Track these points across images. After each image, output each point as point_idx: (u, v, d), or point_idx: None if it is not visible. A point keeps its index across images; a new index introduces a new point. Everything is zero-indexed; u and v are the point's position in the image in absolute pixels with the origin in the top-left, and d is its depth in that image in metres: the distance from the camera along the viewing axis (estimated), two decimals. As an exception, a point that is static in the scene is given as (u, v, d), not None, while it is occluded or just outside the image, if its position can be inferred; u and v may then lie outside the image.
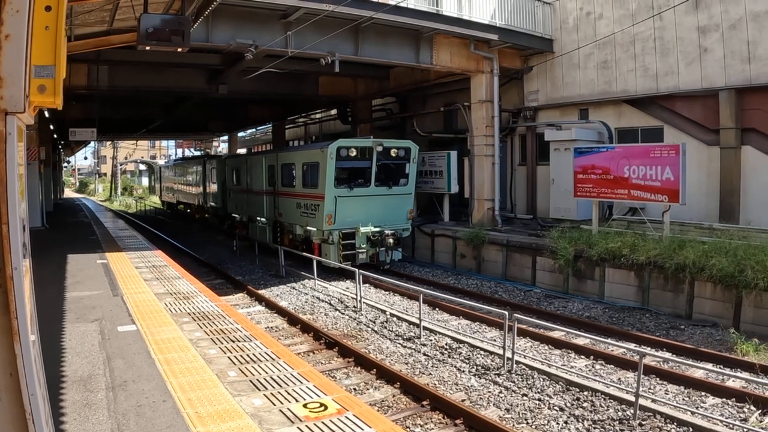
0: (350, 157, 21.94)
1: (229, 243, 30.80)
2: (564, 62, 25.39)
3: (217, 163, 37.30)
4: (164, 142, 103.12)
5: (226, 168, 35.19)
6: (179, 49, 12.03)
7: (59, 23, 2.81)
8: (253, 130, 63.38)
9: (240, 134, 65.23)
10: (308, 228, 23.30)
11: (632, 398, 10.38)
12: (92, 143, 75.91)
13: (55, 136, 41.54)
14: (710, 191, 20.63)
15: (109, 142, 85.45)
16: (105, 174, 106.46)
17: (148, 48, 11.63)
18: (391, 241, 22.65)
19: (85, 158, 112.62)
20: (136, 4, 13.39)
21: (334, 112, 41.10)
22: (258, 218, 29.22)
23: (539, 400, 11.11)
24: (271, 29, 20.03)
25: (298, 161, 24.28)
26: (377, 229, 22.72)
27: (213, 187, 37.88)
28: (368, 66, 26.93)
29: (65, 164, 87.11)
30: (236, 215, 33.20)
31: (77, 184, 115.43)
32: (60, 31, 2.82)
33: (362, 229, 22.41)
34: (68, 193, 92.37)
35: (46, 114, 28.63)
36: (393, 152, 23.00)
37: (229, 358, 8.21)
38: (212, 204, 38.55)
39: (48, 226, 27.13)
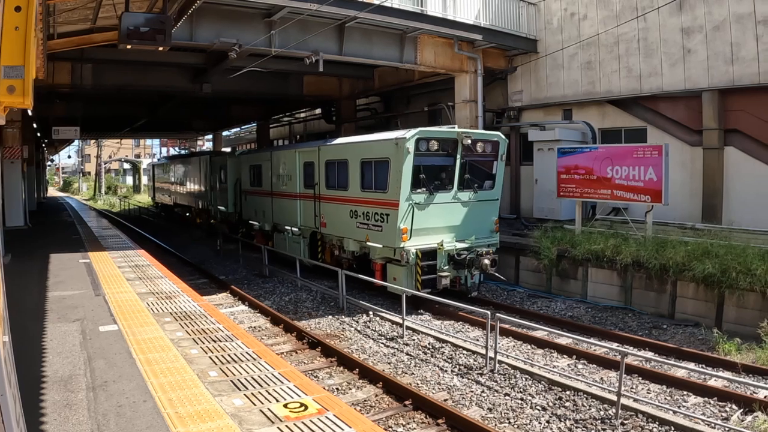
0: (431, 152, 17.36)
1: (213, 243, 30.64)
2: (548, 63, 25.45)
3: (228, 160, 31.62)
4: (149, 141, 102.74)
5: (241, 165, 29.54)
6: (161, 48, 12.01)
7: (29, 24, 2.80)
8: (238, 129, 63.21)
9: (225, 133, 65.10)
10: (369, 244, 18.41)
11: (614, 397, 10.43)
12: (76, 142, 75.48)
13: (38, 134, 41.33)
14: (693, 192, 20.74)
15: (93, 141, 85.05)
16: (89, 173, 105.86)
17: (129, 47, 11.59)
18: (487, 261, 17.76)
19: (69, 157, 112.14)
20: (119, 2, 13.36)
21: (318, 111, 41.08)
22: (287, 228, 23.89)
23: (521, 399, 11.15)
24: (255, 28, 20.00)
25: (354, 157, 19.00)
26: (464, 246, 18.01)
27: (223, 189, 32.02)
28: (353, 65, 26.91)
29: (49, 163, 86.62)
30: (254, 222, 27.68)
31: (61, 182, 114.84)
32: (29, 32, 2.80)
33: (446, 246, 17.69)
34: (52, 191, 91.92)
35: (29, 112, 28.49)
36: (479, 147, 18.41)
37: (210, 358, 8.19)
38: (221, 208, 32.53)
39: (31, 225, 26.95)
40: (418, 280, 17.23)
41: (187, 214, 42.22)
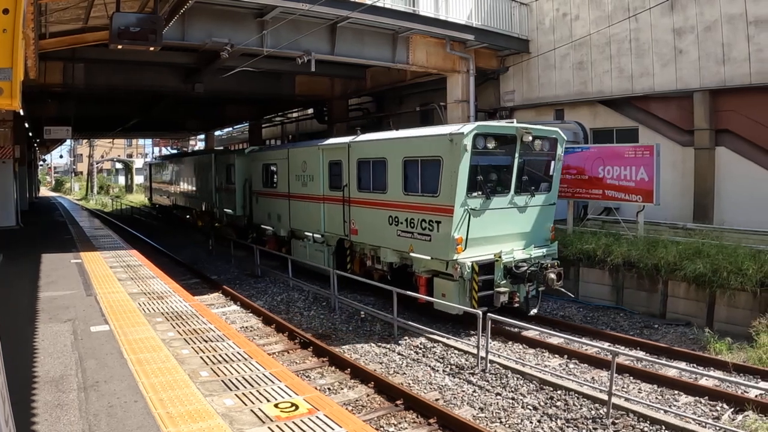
0: (488, 150, 15.17)
1: (206, 243, 30.57)
2: (540, 63, 25.50)
3: (237, 158, 28.91)
4: (141, 141, 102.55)
5: (252, 164, 27.21)
6: (152, 48, 11.98)
7: (16, 26, 2.80)
8: (230, 129, 63.12)
9: (217, 133, 65.00)
10: (413, 255, 16.25)
11: (605, 397, 10.46)
12: (68, 141, 75.23)
13: (30, 134, 41.20)
14: (684, 192, 20.80)
15: (85, 141, 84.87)
16: (81, 172, 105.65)
17: (120, 47, 11.56)
18: (553, 275, 15.62)
19: (61, 156, 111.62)
20: (110, 2, 13.33)
21: (310, 111, 41.08)
22: (307, 234, 21.86)
23: (513, 399, 11.18)
24: (247, 28, 20.01)
25: (395, 155, 16.88)
26: (523, 257, 16.03)
27: (230, 190, 29.59)
28: (345, 65, 26.88)
29: (41, 163, 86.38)
30: (267, 227, 25.62)
31: (53, 182, 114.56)
32: (17, 34, 2.80)
33: (504, 258, 15.65)
34: (44, 191, 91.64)
35: (21, 112, 28.42)
36: (537, 144, 16.26)
37: (201, 358, 8.19)
38: (228, 211, 30.11)
39: (23, 225, 26.89)
40: (475, 298, 14.94)
41: (188, 216, 40.04)
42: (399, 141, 17.26)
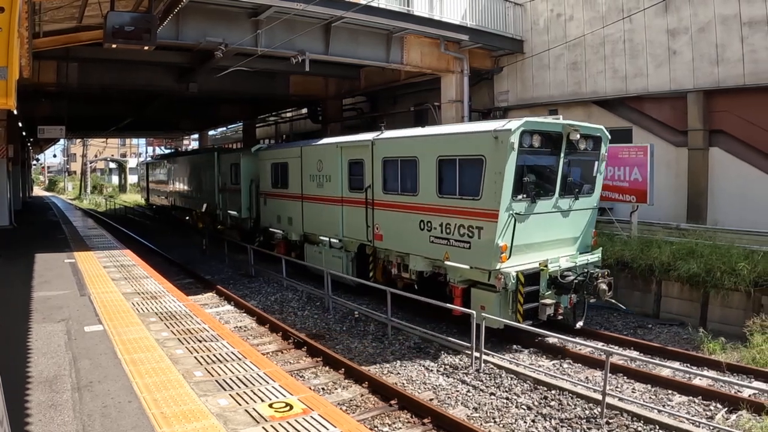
0: (533, 149, 13.87)
1: (199, 243, 30.49)
2: (534, 63, 25.51)
3: (242, 157, 27.65)
4: (135, 140, 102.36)
5: (259, 164, 25.74)
6: (146, 48, 11.96)
7: (12, 25, 2.79)
8: (224, 128, 63.07)
9: (211, 133, 64.99)
10: (449, 264, 14.94)
11: (599, 396, 10.51)
12: (62, 141, 75.15)
13: (23, 133, 41.09)
14: (678, 192, 20.83)
15: (78, 140, 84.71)
16: (75, 172, 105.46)
17: (114, 46, 11.54)
18: (604, 286, 14.46)
19: (54, 156, 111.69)
20: (104, 1, 13.31)
21: (304, 111, 41.04)
22: (323, 238, 20.52)
23: (507, 398, 11.20)
24: (241, 27, 19.98)
25: (428, 154, 15.54)
26: (568, 266, 14.75)
27: (234, 190, 28.44)
28: (339, 65, 26.85)
29: (34, 162, 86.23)
30: (276, 231, 24.15)
31: (46, 182, 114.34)
32: (12, 33, 2.80)
33: (551, 267, 14.29)
34: (37, 191, 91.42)
35: (15, 111, 28.34)
36: (582, 143, 14.94)
37: (195, 358, 8.18)
38: (233, 212, 28.81)
39: (16, 225, 26.83)
40: (520, 311, 13.64)
41: (187, 217, 38.66)
42: (433, 138, 15.99)
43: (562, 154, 14.57)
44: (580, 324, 15.18)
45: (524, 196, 13.86)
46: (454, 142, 15.06)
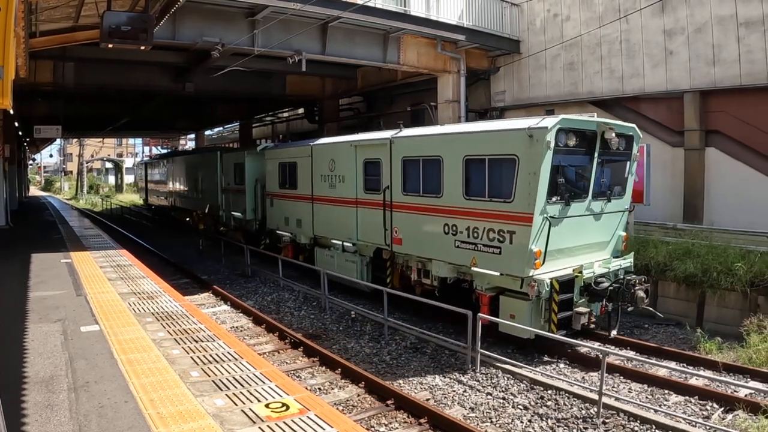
0: (568, 148, 13.06)
1: (196, 243, 30.46)
2: (531, 63, 25.53)
3: (247, 156, 26.58)
4: (131, 140, 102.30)
5: (265, 163, 24.74)
6: (143, 47, 11.95)
7: (8, 24, 2.79)
8: (221, 128, 63.03)
9: (207, 132, 64.97)
10: (477, 270, 14.06)
11: (596, 396, 10.50)
12: (58, 141, 75.02)
13: (20, 133, 41.08)
14: (674, 192, 20.85)
15: (75, 140, 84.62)
16: (71, 172, 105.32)
17: (110, 45, 11.53)
18: (642, 294, 13.61)
19: (51, 156, 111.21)
20: (101, 0, 13.29)
21: (301, 111, 41.05)
22: (335, 242, 19.79)
23: (503, 398, 11.20)
24: (238, 27, 19.98)
25: (453, 153, 14.63)
26: (602, 272, 13.97)
27: (238, 191, 27.46)
28: (336, 65, 26.84)
29: (30, 162, 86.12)
30: (284, 233, 23.20)
31: (43, 182, 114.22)
32: (9, 32, 2.79)
33: (585, 273, 13.54)
34: (33, 191, 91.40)
35: (11, 111, 28.31)
36: (614, 142, 13.74)
37: (192, 358, 8.17)
38: (236, 214, 27.77)
39: (12, 225, 26.80)
40: (554, 320, 12.99)
41: (187, 218, 37.81)
42: (459, 137, 14.93)
43: (596, 154, 13.80)
44: (614, 333, 14.17)
45: (558, 198, 13.09)
46: (483, 141, 14.09)
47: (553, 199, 12.93)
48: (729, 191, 19.67)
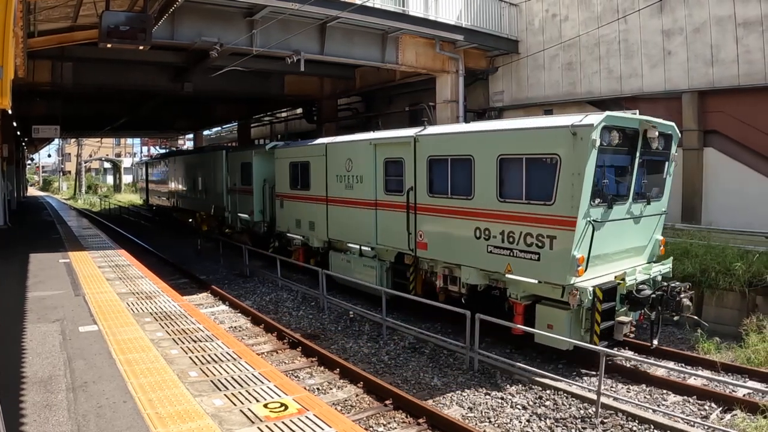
0: (611, 147, 12.24)
1: (195, 243, 30.43)
2: (529, 63, 25.54)
3: (255, 155, 25.79)
4: (129, 140, 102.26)
5: (275, 163, 23.69)
6: (141, 47, 11.95)
7: (7, 24, 2.78)
8: (219, 128, 63.01)
9: (206, 132, 64.97)
10: (511, 277, 13.19)
11: (594, 396, 10.50)
12: (56, 140, 75.04)
13: (18, 133, 41.06)
14: (673, 192, 20.76)
15: (73, 140, 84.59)
16: (69, 172, 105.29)
17: (109, 45, 11.53)
18: (687, 301, 12.83)
19: (49, 156, 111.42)
20: (99, 0, 13.29)
21: (299, 111, 41.03)
22: (352, 245, 18.80)
23: (502, 398, 11.21)
24: (237, 27, 19.98)
25: (486, 152, 13.68)
26: (644, 278, 13.40)
27: (245, 191, 26.68)
28: (334, 65, 26.83)
29: (29, 162, 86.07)
30: (295, 236, 22.20)
31: (41, 182, 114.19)
32: (8, 33, 2.79)
33: (628, 280, 12.88)
34: (32, 191, 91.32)
35: (9, 111, 28.22)
36: (654, 142, 13.13)
37: (190, 358, 8.17)
38: (243, 216, 26.96)
39: (10, 225, 26.78)
40: (597, 331, 12.24)
41: (190, 219, 36.86)
42: (493, 135, 13.95)
43: (637, 153, 13.02)
44: (655, 342, 13.43)
45: (600, 200, 12.28)
46: (521, 139, 13.16)
47: (596, 201, 12.16)
48: (727, 191, 19.68)
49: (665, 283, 13.25)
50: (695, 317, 13.68)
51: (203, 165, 33.34)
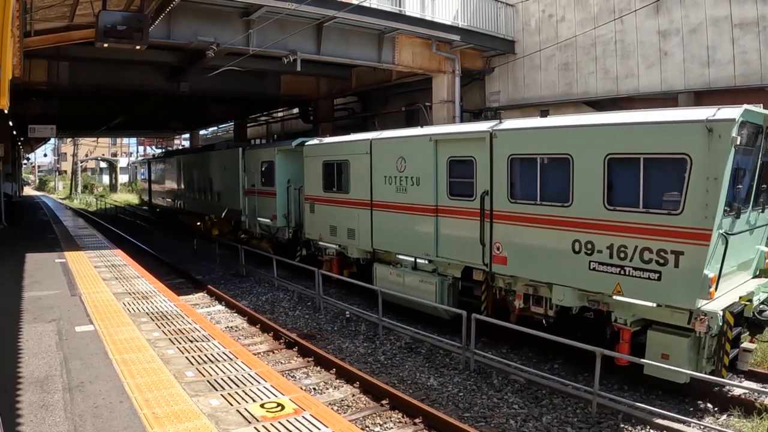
0: (744, 147, 10.33)
1: (191, 242, 30.40)
2: (526, 64, 25.53)
3: (278, 153, 23.27)
4: (126, 140, 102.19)
5: (306, 162, 21.01)
6: (137, 47, 11.94)
7: (5, 24, 2.78)
8: (215, 128, 62.94)
9: (202, 132, 64.86)
10: (620, 299, 11.13)
11: (590, 396, 10.49)
12: (52, 140, 74.99)
13: (14, 132, 40.96)
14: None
15: (69, 139, 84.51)
16: (65, 171, 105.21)
17: (105, 45, 11.52)
18: None
19: (45, 155, 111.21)
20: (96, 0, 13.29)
21: (296, 111, 41.00)
22: (404, 257, 16.44)
23: (498, 398, 11.19)
24: (233, 27, 19.96)
25: (589, 151, 11.56)
26: (764, 297, 11.80)
27: (267, 193, 23.97)
28: (330, 65, 26.83)
29: (25, 161, 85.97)
30: (330, 245, 19.71)
31: (37, 181, 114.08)
32: (5, 32, 2.78)
33: (755, 300, 11.37)
34: (27, 191, 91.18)
35: (6, 110, 28.20)
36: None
37: (187, 358, 8.18)
38: (264, 220, 24.28)
39: (6, 225, 26.74)
40: (725, 361, 10.64)
41: (198, 223, 33.90)
42: (600, 130, 11.78)
43: (760, 153, 11.19)
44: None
45: (728, 209, 10.33)
46: (637, 135, 10.95)
47: (727, 210, 10.28)
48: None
49: None
50: None
51: (215, 164, 30.63)
